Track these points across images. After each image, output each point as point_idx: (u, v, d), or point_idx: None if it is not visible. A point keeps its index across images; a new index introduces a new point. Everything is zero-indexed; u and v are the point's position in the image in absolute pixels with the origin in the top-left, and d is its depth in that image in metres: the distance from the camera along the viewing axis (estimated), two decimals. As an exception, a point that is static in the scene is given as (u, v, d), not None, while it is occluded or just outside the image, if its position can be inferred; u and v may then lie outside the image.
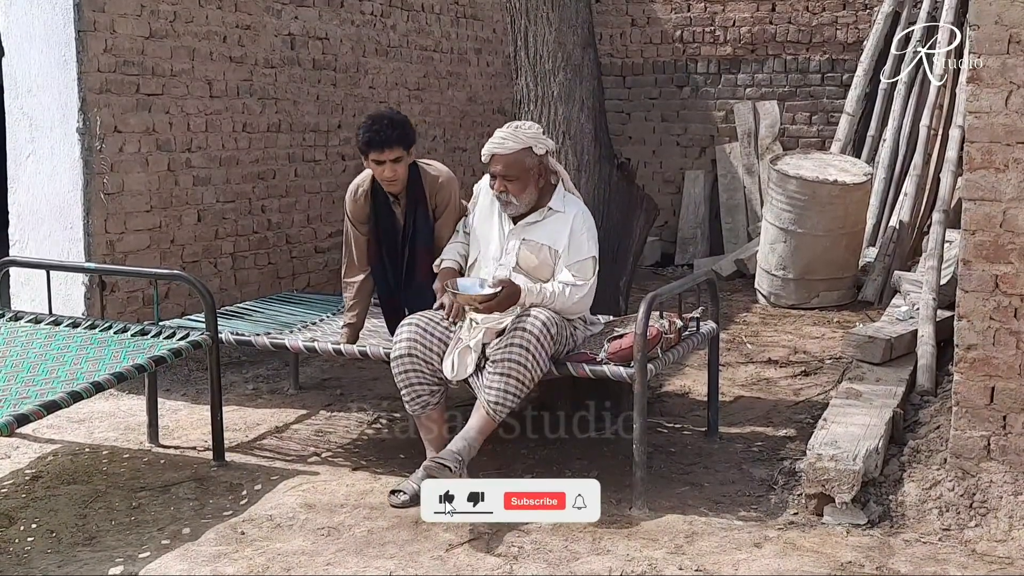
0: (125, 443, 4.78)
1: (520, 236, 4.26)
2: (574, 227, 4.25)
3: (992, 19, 3.84)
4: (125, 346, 4.40)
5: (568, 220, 4.25)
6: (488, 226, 4.36)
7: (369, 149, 4.38)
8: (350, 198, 4.60)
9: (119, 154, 5.78)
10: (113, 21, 5.71)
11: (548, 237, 4.24)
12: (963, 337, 3.95)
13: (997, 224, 3.86)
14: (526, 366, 3.96)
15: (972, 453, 3.95)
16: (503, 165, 4.20)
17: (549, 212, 4.27)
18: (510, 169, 4.19)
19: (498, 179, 4.21)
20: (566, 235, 4.23)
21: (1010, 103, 3.83)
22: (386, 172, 4.39)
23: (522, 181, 4.19)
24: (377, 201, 4.54)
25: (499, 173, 4.21)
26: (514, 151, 4.19)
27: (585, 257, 4.22)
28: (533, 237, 4.25)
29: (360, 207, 4.58)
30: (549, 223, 4.26)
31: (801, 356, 6.31)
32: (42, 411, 3.74)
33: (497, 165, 4.21)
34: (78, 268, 5.32)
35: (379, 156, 4.37)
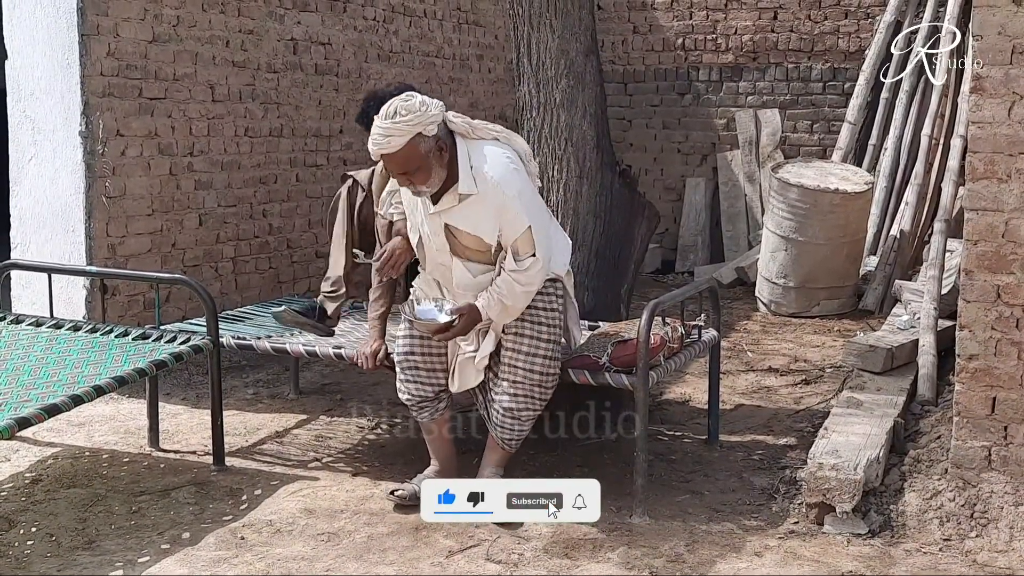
0: (125, 447, 4.77)
1: (441, 221, 3.88)
2: (496, 205, 3.79)
3: (995, 30, 3.84)
4: (126, 350, 4.40)
5: (487, 200, 3.78)
6: (413, 205, 3.98)
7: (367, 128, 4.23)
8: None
9: (121, 158, 5.78)
10: (116, 25, 5.72)
11: (469, 224, 3.84)
12: (964, 347, 3.95)
13: (999, 235, 3.86)
14: (534, 408, 3.98)
15: (973, 463, 3.95)
16: (396, 163, 3.74)
17: (462, 197, 3.81)
18: (407, 164, 3.72)
19: (402, 177, 3.79)
20: (488, 219, 3.80)
21: (1013, 113, 3.83)
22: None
23: (424, 170, 3.73)
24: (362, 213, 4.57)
25: (396, 172, 3.79)
26: (403, 146, 3.68)
27: (520, 233, 3.80)
28: (454, 223, 3.86)
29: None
30: (466, 208, 3.82)
31: (802, 365, 6.31)
32: (43, 414, 3.74)
33: (389, 164, 3.78)
34: (80, 271, 5.32)
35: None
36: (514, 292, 3.82)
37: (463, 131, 3.85)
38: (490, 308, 3.83)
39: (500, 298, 3.82)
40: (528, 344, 3.93)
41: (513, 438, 4.01)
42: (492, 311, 3.83)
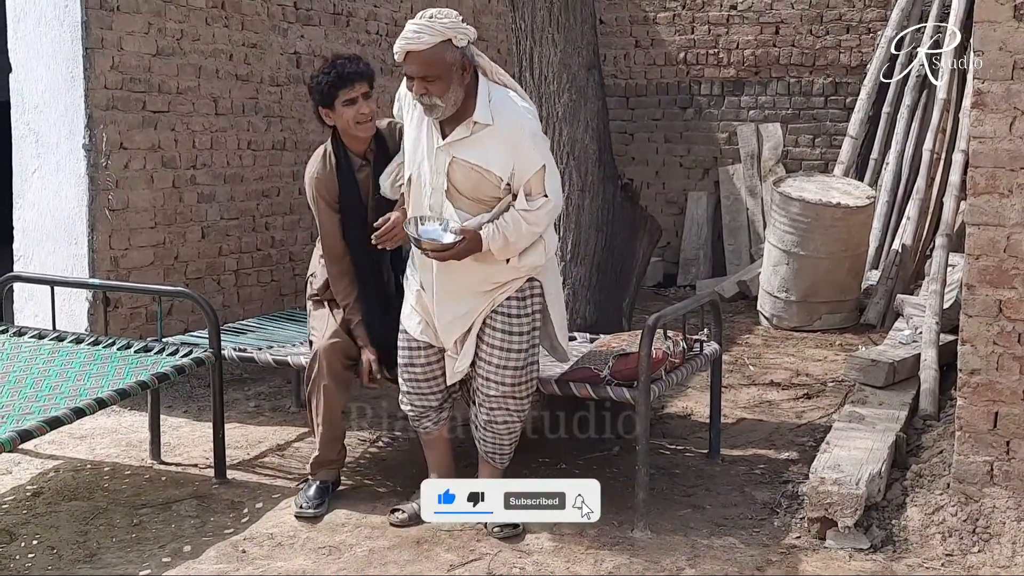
0: (127, 459, 4.77)
1: (449, 154, 3.71)
2: (515, 139, 3.70)
3: (997, 45, 3.85)
4: (128, 362, 4.40)
5: (501, 134, 3.69)
6: (416, 141, 3.82)
7: (338, 88, 4.06)
8: (318, 168, 4.20)
9: (124, 170, 5.80)
10: (120, 39, 5.74)
11: (480, 157, 3.69)
12: (966, 362, 3.95)
13: (1001, 249, 3.87)
14: (511, 420, 3.95)
15: (975, 478, 3.95)
16: (420, 64, 3.61)
17: (476, 127, 3.69)
18: (430, 68, 3.60)
19: (417, 81, 3.63)
20: (503, 155, 3.68)
21: (1014, 129, 3.84)
22: (363, 108, 4.08)
23: (444, 80, 3.60)
24: (344, 179, 4.19)
25: (417, 74, 3.62)
26: (432, 45, 3.59)
27: (533, 172, 3.71)
28: (463, 156, 3.70)
29: (330, 176, 4.18)
30: (477, 140, 3.69)
31: (803, 379, 6.31)
32: (45, 427, 3.74)
33: (413, 64, 3.63)
34: (82, 284, 5.33)
35: (351, 92, 4.07)
36: (520, 230, 3.71)
37: (486, 68, 3.78)
38: (492, 239, 3.69)
39: (504, 232, 3.69)
40: (499, 356, 3.87)
41: (495, 452, 4.01)
42: (494, 243, 3.69)
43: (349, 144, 4.16)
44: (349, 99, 4.06)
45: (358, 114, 4.07)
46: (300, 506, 4.09)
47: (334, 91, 4.04)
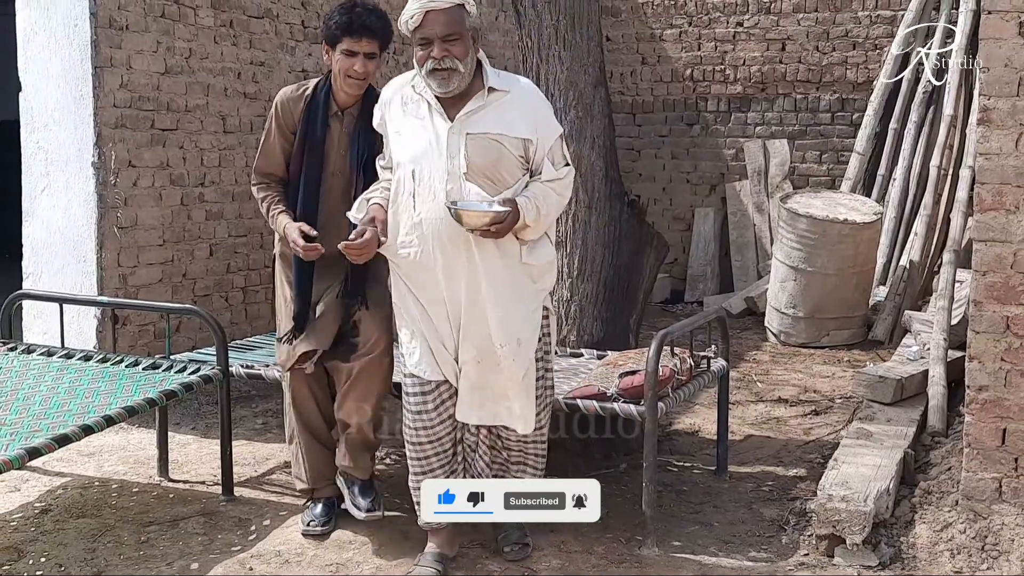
0: (135, 477, 4.78)
1: (462, 131, 3.44)
2: (533, 105, 3.56)
3: (1002, 62, 3.86)
4: (136, 380, 4.41)
5: (521, 99, 3.53)
6: (415, 136, 3.51)
7: (345, 34, 3.78)
8: (290, 90, 3.97)
9: (133, 188, 5.83)
10: (129, 57, 5.78)
11: (499, 124, 3.45)
12: (974, 378, 3.94)
13: (1008, 266, 3.86)
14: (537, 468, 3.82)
15: (984, 495, 3.93)
16: (442, 23, 3.39)
17: (491, 94, 3.49)
18: (452, 26, 3.40)
19: (438, 43, 3.38)
20: (524, 119, 3.49)
21: (1020, 145, 3.84)
22: (357, 66, 3.79)
23: (464, 43, 3.42)
24: (312, 113, 3.90)
25: (440, 34, 3.38)
26: (452, 4, 3.42)
27: (555, 139, 3.59)
28: (479, 129, 3.45)
29: (297, 102, 3.92)
30: (494, 109, 3.48)
31: (811, 395, 6.30)
32: (53, 444, 3.74)
33: (434, 25, 3.39)
34: (91, 302, 5.34)
35: (354, 45, 3.79)
36: (549, 201, 3.52)
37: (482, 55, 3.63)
38: (527, 211, 3.44)
39: (536, 203, 3.46)
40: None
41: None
42: (529, 215, 3.44)
43: (336, 92, 3.90)
44: (350, 50, 3.79)
45: (351, 68, 3.79)
46: (307, 524, 4.09)
47: (340, 35, 3.79)
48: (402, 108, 3.55)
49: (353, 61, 3.77)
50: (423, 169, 3.46)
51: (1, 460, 3.51)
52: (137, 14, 5.81)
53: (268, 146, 3.99)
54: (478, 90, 3.46)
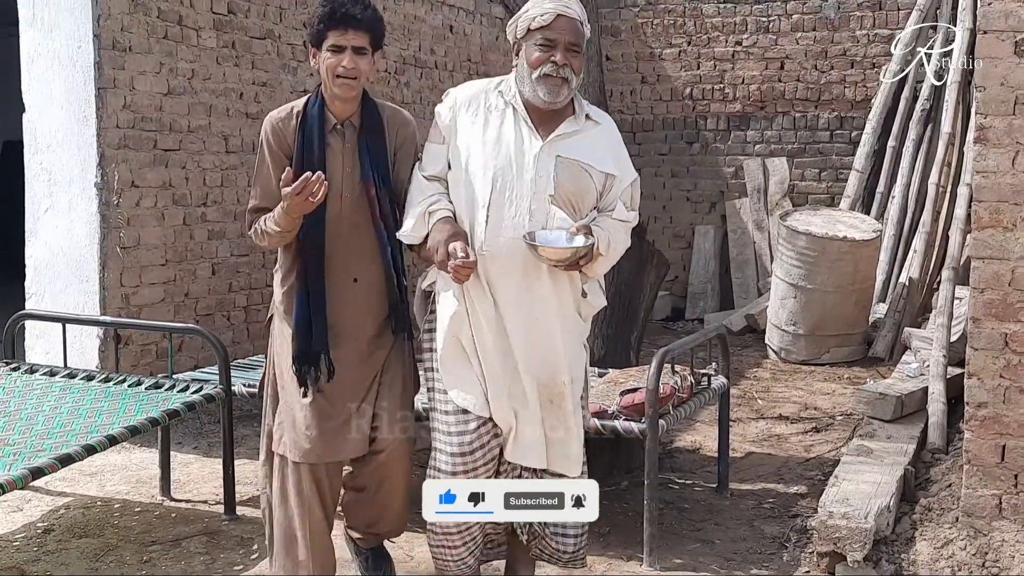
0: (137, 496, 4.78)
1: (552, 152, 3.20)
2: (618, 143, 3.37)
3: (998, 81, 3.88)
4: (139, 399, 4.42)
5: (609, 134, 3.34)
6: (497, 146, 3.22)
7: (328, 27, 3.31)
8: (282, 115, 3.42)
9: (136, 208, 5.85)
10: (132, 78, 5.81)
11: (588, 155, 3.24)
12: (973, 395, 3.95)
13: (1006, 283, 3.88)
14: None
15: (984, 512, 3.94)
16: (572, 31, 3.18)
17: (587, 123, 3.29)
18: (577, 37, 3.20)
19: (562, 49, 3.15)
20: (610, 155, 3.29)
21: (1017, 163, 3.86)
22: (346, 61, 3.28)
23: (580, 59, 3.22)
24: (307, 130, 3.37)
25: (566, 42, 3.16)
26: (579, 18, 3.22)
27: (630, 182, 3.34)
28: (571, 155, 3.22)
29: (287, 125, 3.40)
30: (586, 137, 3.27)
31: (812, 412, 6.30)
32: (56, 464, 3.75)
33: (564, 31, 3.16)
34: (93, 321, 5.36)
35: (341, 39, 3.29)
36: (618, 239, 3.29)
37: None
38: (601, 241, 3.20)
39: (609, 237, 3.22)
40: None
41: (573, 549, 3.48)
42: (602, 246, 3.20)
43: (330, 103, 3.38)
44: (336, 45, 3.30)
45: (339, 66, 3.29)
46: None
47: (324, 30, 3.31)
48: (484, 113, 3.25)
49: (341, 57, 3.28)
50: (504, 183, 3.18)
51: (4, 480, 3.52)
52: (140, 36, 5.85)
53: (262, 179, 3.42)
54: (568, 114, 3.26)
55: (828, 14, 9.75)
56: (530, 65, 3.18)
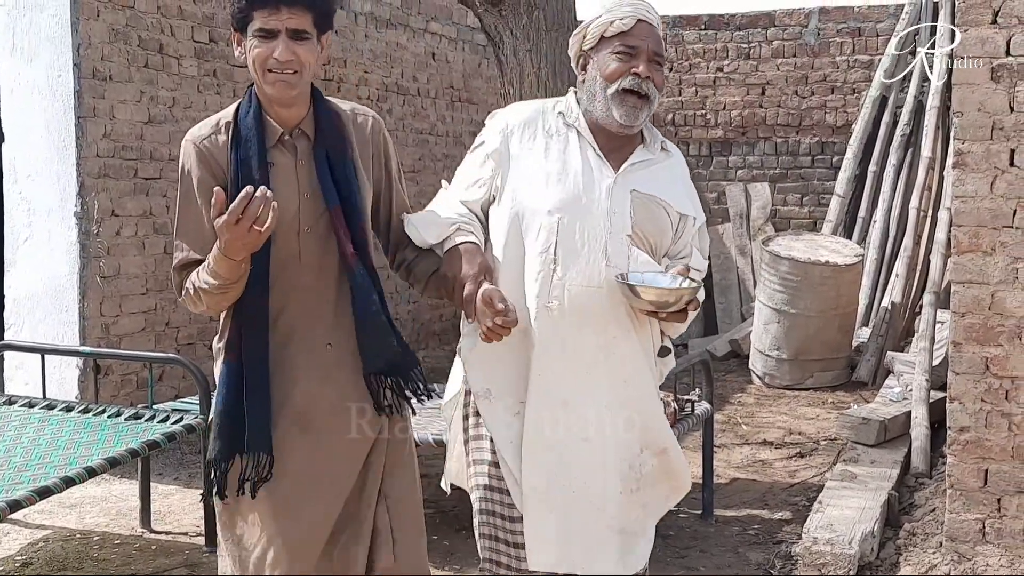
0: (116, 528, 4.75)
1: (627, 186, 2.65)
2: (685, 177, 2.84)
3: (975, 106, 3.92)
4: (119, 430, 4.39)
5: (680, 167, 2.82)
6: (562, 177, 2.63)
7: (253, 6, 2.40)
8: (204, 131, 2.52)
9: (116, 237, 5.84)
10: (113, 107, 5.81)
11: (664, 191, 2.70)
12: (955, 419, 3.97)
13: (986, 307, 3.90)
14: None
15: (968, 536, 3.95)
16: (656, 40, 2.66)
17: (661, 153, 2.76)
18: (661, 48, 2.68)
19: (647, 59, 2.63)
20: (684, 192, 2.77)
21: (995, 188, 3.90)
22: (279, 51, 2.39)
23: (663, 74, 2.71)
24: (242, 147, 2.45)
25: (649, 51, 2.63)
26: (659, 25, 2.70)
27: (701, 224, 2.84)
28: (647, 189, 2.68)
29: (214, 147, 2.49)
30: (660, 169, 2.74)
31: (796, 437, 6.31)
32: (35, 497, 3.72)
33: (645, 38, 2.64)
34: (73, 352, 5.33)
35: (270, 18, 2.39)
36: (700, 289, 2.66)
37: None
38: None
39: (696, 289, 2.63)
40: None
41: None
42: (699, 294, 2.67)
43: (268, 107, 2.49)
44: (264, 29, 2.40)
45: (269, 57, 2.40)
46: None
47: (248, 9, 2.41)
48: (544, 138, 2.70)
49: (272, 45, 2.39)
50: (573, 222, 2.60)
51: (-19, 513, 3.49)
52: (121, 64, 5.85)
53: (190, 222, 2.51)
54: (638, 141, 2.73)
55: (808, 40, 9.85)
56: (605, 78, 2.63)
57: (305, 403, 2.49)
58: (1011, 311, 3.87)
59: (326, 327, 2.52)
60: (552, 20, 4.96)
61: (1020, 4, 3.85)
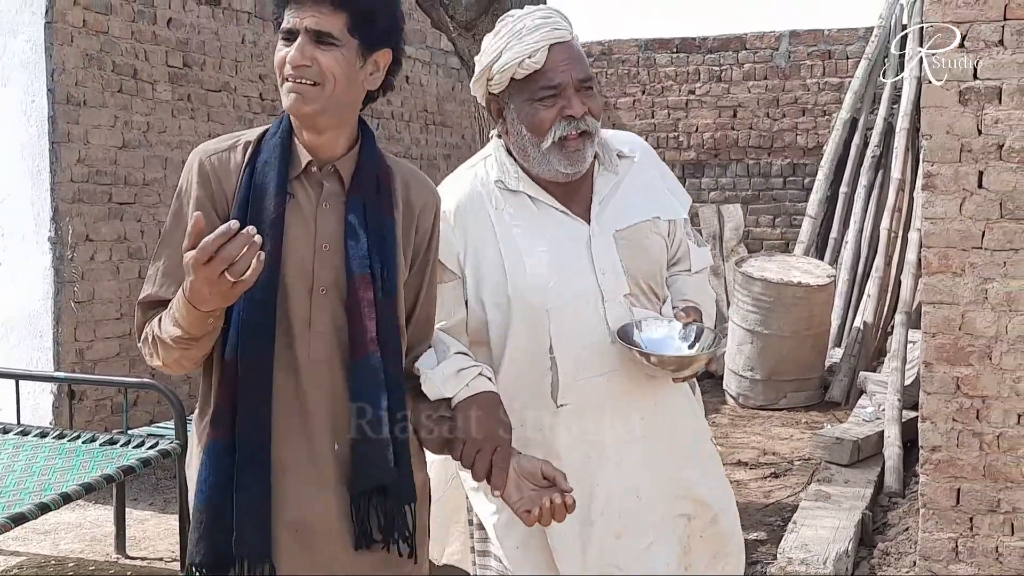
0: (91, 554, 4.71)
1: (607, 232, 2.24)
2: (658, 170, 2.42)
3: (943, 129, 3.96)
4: (93, 456, 4.36)
5: (649, 164, 2.40)
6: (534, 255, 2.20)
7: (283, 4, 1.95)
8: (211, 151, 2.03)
9: (90, 262, 5.81)
10: (87, 132, 5.80)
11: (643, 206, 2.30)
12: (927, 439, 4.00)
13: (956, 327, 3.94)
14: None
15: (941, 555, 3.97)
16: (577, 63, 2.18)
17: (622, 164, 2.32)
18: (586, 69, 2.21)
19: (574, 93, 2.16)
20: (664, 189, 2.38)
21: (964, 209, 3.94)
22: (294, 52, 1.91)
23: (596, 96, 2.24)
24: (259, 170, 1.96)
25: (575, 81, 2.17)
26: (574, 38, 2.22)
27: (686, 212, 2.45)
28: (626, 221, 2.26)
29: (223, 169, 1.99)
30: (631, 185, 2.31)
31: (770, 457, 6.33)
32: (9, 524, 3.69)
33: (565, 69, 2.16)
34: (47, 378, 5.30)
35: (295, 16, 1.91)
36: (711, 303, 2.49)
37: None
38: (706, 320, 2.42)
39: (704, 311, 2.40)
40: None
41: None
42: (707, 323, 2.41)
43: (298, 132, 1.99)
44: (286, 29, 1.94)
45: (285, 63, 1.92)
46: None
47: (280, 8, 1.96)
48: (493, 217, 2.22)
49: (298, 46, 1.91)
50: (562, 305, 2.19)
51: (-45, 541, 3.46)
52: (95, 89, 5.84)
53: (171, 249, 1.96)
54: (592, 169, 2.27)
55: (779, 63, 9.96)
56: (532, 131, 2.18)
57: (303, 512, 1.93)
58: (981, 331, 3.91)
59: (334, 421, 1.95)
60: (526, 45, 4.99)
61: (987, 28, 3.91)
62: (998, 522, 3.90)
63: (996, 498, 3.89)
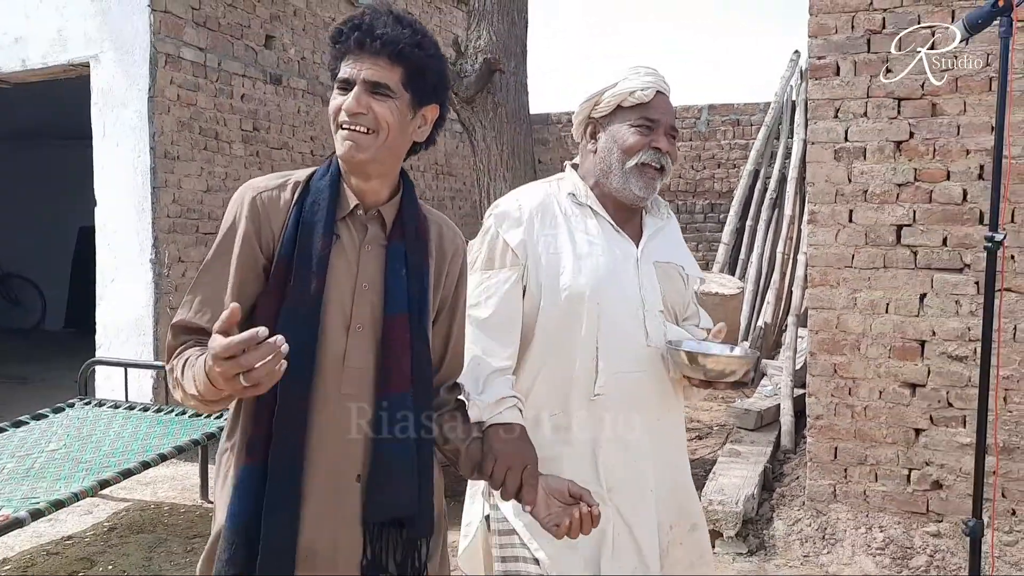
0: (182, 500, 4.67)
1: (650, 259, 2.03)
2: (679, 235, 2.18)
3: (823, 178, 3.99)
4: (184, 425, 4.35)
5: (677, 228, 2.17)
6: (591, 259, 1.96)
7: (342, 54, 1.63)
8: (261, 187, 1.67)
9: (182, 278, 5.78)
10: (180, 180, 5.77)
11: (676, 254, 2.09)
12: (812, 409, 4.00)
13: (833, 326, 3.95)
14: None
15: (823, 497, 3.97)
16: (672, 113, 2.02)
17: (668, 217, 2.13)
18: (674, 120, 2.04)
19: (665, 132, 1.99)
20: (686, 251, 2.15)
21: (839, 238, 3.96)
22: (350, 102, 1.60)
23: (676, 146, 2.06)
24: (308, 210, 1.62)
25: (667, 124, 2.00)
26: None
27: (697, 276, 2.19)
28: (666, 257, 2.06)
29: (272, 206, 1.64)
30: (670, 234, 2.12)
31: (696, 424, 6.33)
32: (120, 477, 3.67)
33: (664, 112, 2.00)
34: (149, 366, 5.26)
35: (351, 68, 1.60)
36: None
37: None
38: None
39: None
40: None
41: None
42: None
43: (346, 177, 1.67)
44: (343, 79, 1.62)
45: (341, 109, 1.61)
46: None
47: (337, 60, 1.65)
48: (565, 223, 1.99)
49: (354, 96, 1.60)
50: (608, 306, 1.95)
51: (79, 490, 3.43)
52: (186, 147, 5.82)
53: (212, 278, 1.63)
54: (642, 210, 2.09)
55: (700, 128, 9.98)
56: (624, 151, 1.98)
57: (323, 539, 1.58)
58: (851, 329, 3.92)
59: (357, 455, 1.60)
60: (512, 115, 4.99)
61: (855, 104, 3.93)
62: (865, 472, 3.90)
63: (864, 454, 3.90)
